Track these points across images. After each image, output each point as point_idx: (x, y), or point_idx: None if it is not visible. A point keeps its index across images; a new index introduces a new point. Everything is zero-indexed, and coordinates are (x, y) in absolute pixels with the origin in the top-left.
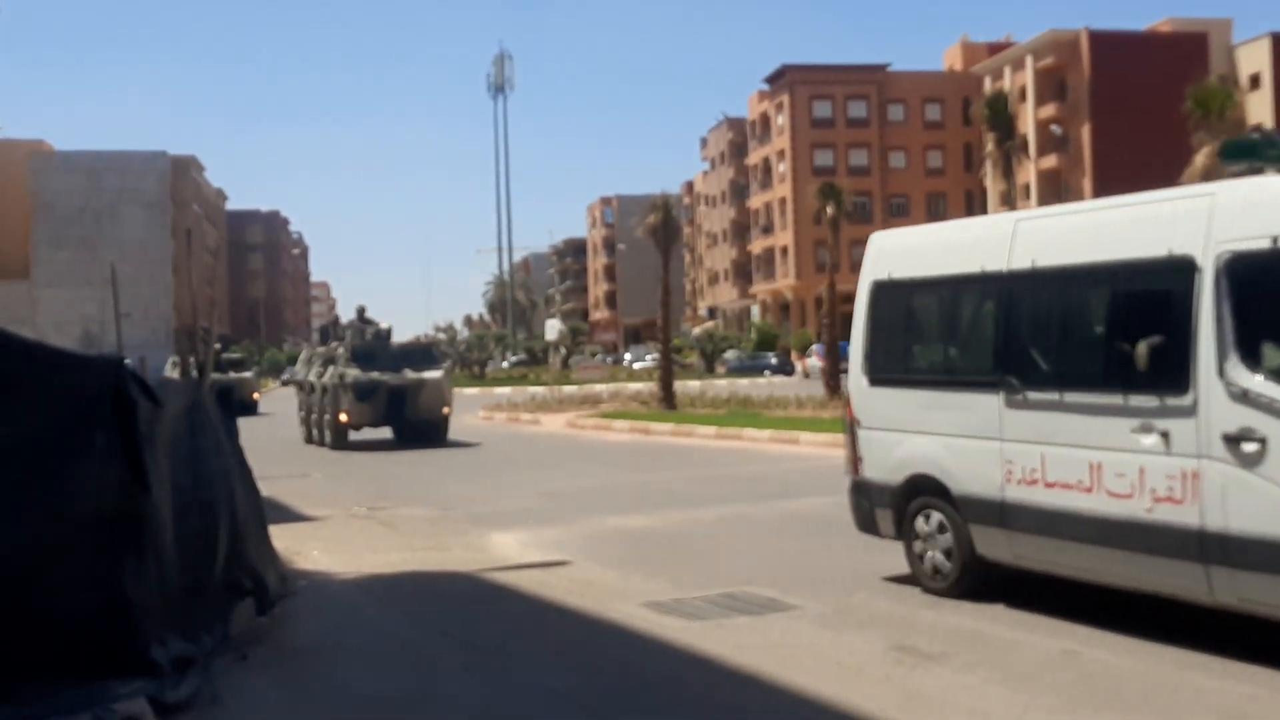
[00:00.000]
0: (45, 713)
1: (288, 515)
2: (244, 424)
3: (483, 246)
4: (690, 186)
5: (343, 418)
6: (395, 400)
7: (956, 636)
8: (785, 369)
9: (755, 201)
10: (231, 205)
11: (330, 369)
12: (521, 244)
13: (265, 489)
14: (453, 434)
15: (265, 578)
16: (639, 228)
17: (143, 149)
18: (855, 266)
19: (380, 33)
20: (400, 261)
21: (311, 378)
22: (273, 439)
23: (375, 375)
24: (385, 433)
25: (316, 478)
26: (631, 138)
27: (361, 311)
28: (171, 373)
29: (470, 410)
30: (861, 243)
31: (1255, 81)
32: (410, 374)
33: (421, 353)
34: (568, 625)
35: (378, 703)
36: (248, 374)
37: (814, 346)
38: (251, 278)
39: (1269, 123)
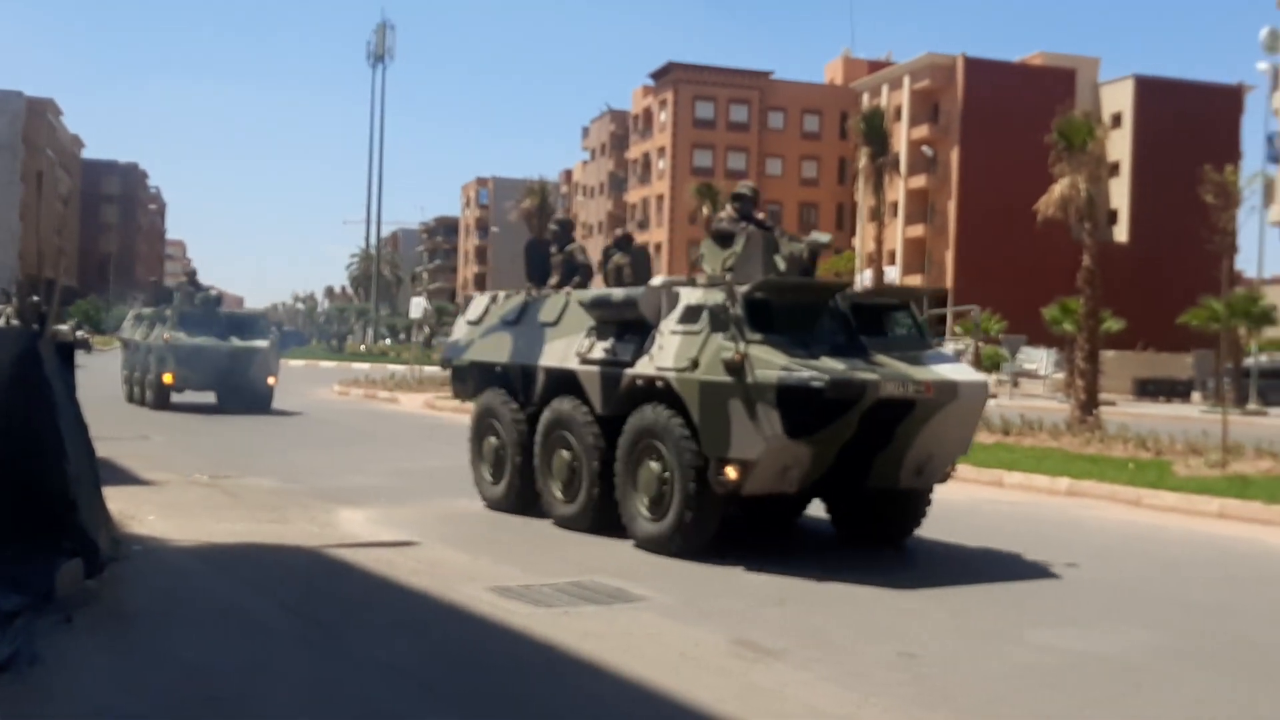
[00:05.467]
0: None
1: (125, 478)
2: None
3: (350, 218)
4: (569, 175)
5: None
6: (874, 435)
7: (797, 634)
8: None
9: (633, 196)
10: (89, 154)
11: (712, 339)
12: (391, 218)
13: (103, 450)
14: (303, 407)
15: (96, 539)
16: (514, 211)
17: None
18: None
19: None
20: (262, 226)
21: (578, 359)
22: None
23: (843, 369)
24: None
25: (158, 441)
26: (512, 120)
27: (760, 221)
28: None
29: (325, 385)
30: None
31: (1117, 120)
32: (913, 370)
33: (881, 313)
34: (411, 605)
35: (209, 672)
36: (261, 343)
37: None
38: (104, 230)
39: (1126, 162)
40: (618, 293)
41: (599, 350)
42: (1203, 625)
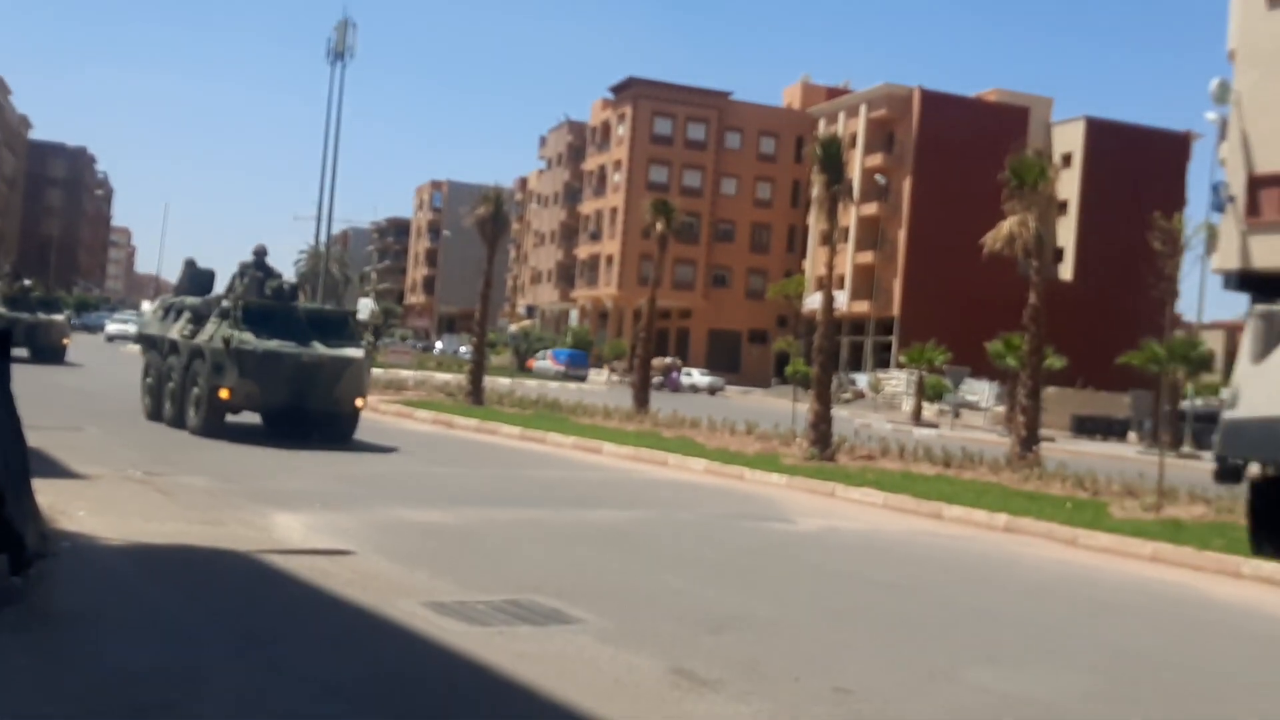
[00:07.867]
0: None
1: (55, 470)
2: None
3: (301, 214)
4: (524, 183)
5: None
6: None
7: (734, 664)
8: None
9: (587, 207)
10: (36, 135)
11: None
12: (342, 216)
13: (34, 440)
14: None
15: (23, 534)
16: (467, 216)
17: None
18: (678, 284)
19: None
20: (210, 218)
21: None
22: None
23: None
24: None
25: (92, 433)
26: (469, 125)
27: None
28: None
29: None
30: (686, 261)
31: (1068, 160)
32: None
33: None
34: (345, 618)
35: (136, 677)
36: (354, 352)
37: (546, 350)
38: (48, 214)
39: (1074, 201)
40: None
41: None
42: (1133, 672)
